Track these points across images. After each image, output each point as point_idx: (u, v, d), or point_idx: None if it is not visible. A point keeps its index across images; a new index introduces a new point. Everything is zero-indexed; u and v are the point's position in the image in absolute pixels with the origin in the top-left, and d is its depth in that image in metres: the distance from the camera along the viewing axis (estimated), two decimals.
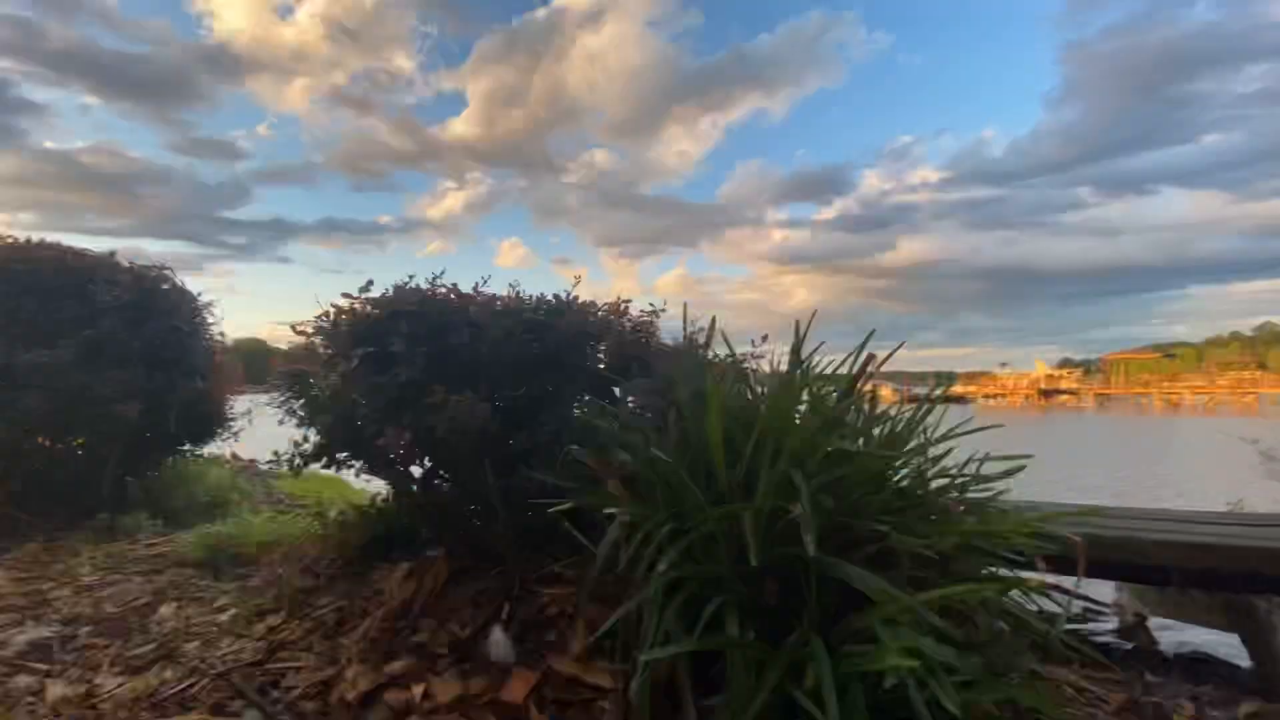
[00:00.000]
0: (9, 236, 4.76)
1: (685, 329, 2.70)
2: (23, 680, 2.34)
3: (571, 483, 2.53)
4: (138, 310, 4.65)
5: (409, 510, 3.27)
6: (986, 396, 54.68)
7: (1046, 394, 54.84)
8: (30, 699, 2.23)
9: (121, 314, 4.53)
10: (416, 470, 3.29)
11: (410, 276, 3.01)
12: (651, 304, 3.35)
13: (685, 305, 2.66)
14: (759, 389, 2.40)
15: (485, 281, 3.21)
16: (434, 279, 3.04)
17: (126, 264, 4.95)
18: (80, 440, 4.84)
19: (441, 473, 3.19)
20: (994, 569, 2.14)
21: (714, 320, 2.53)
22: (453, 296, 2.97)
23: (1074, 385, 56.48)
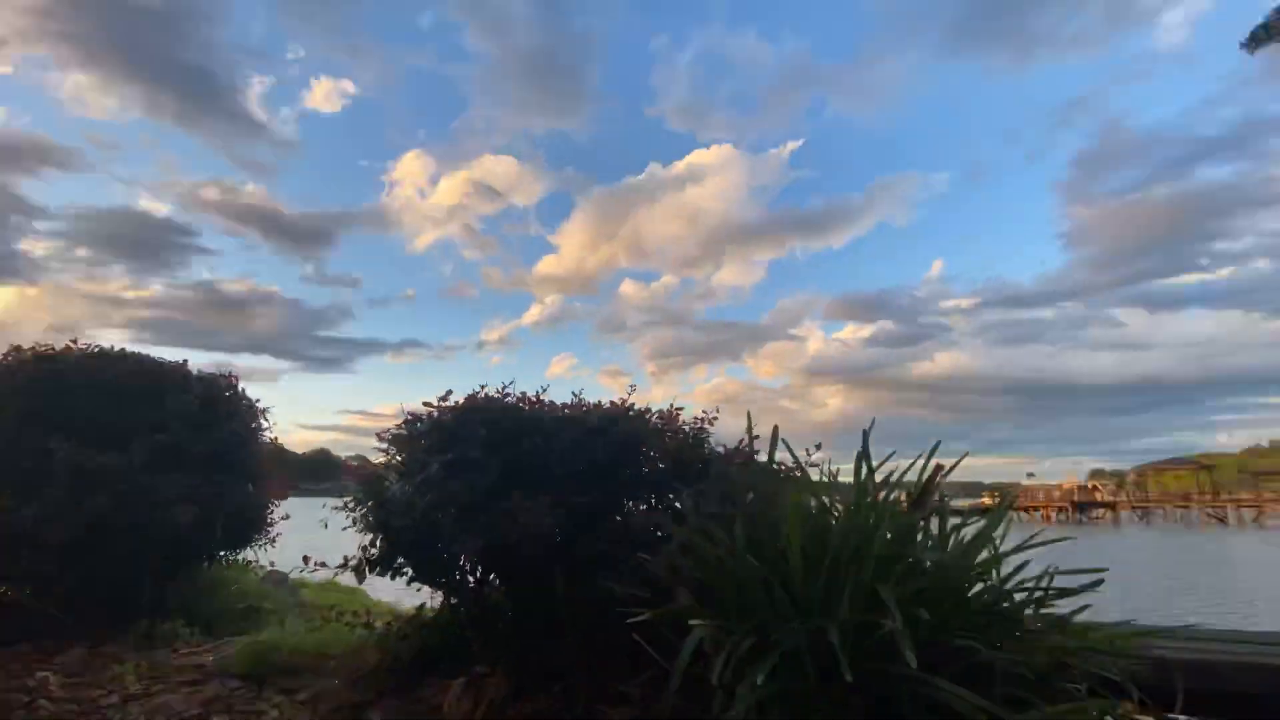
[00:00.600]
0: (94, 346, 5.11)
1: (749, 435, 2.79)
2: None
3: (638, 591, 2.52)
4: (204, 416, 4.87)
5: (464, 622, 3.23)
6: (1017, 509, 52.57)
7: (1081, 507, 52.57)
8: None
9: (190, 419, 4.74)
10: (470, 579, 3.28)
11: (482, 385, 3.16)
12: (705, 411, 3.46)
13: (749, 413, 2.76)
14: (825, 498, 2.44)
15: (545, 390, 3.37)
16: (504, 387, 3.19)
17: (196, 373, 5.24)
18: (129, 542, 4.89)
19: (499, 583, 3.18)
20: (1079, 688, 2.07)
21: (776, 429, 2.63)
22: (523, 405, 3.11)
23: (1109, 498, 54.20)
